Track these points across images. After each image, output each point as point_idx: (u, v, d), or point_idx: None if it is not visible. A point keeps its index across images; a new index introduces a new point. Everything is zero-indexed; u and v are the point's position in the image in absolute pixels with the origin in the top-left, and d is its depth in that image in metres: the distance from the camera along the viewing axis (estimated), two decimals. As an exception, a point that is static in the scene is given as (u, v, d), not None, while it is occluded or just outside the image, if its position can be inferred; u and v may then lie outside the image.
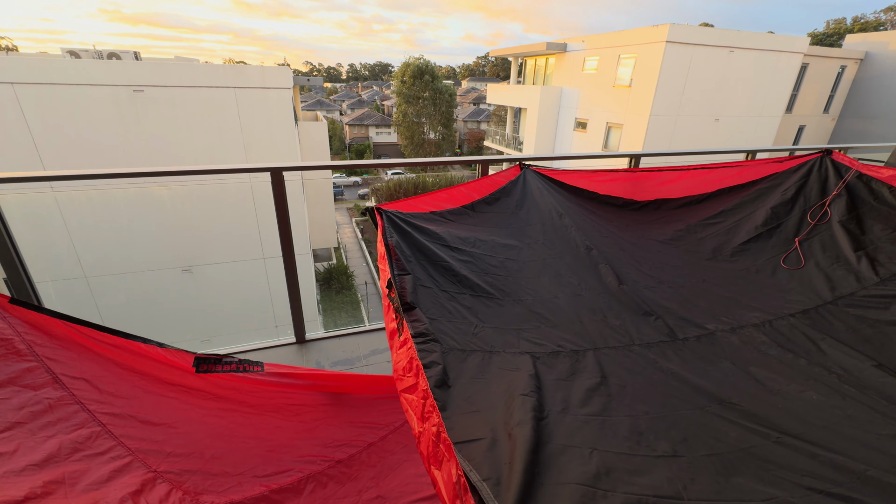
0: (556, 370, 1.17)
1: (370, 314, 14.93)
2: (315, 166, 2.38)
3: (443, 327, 1.26)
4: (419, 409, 0.74)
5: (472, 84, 59.33)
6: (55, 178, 1.88)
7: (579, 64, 17.78)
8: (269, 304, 8.03)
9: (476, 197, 2.17)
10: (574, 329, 1.43)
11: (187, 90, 9.03)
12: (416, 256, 1.53)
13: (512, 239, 1.96)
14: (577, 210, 2.20)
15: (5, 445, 0.99)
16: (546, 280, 1.72)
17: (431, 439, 0.67)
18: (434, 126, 27.87)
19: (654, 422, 0.96)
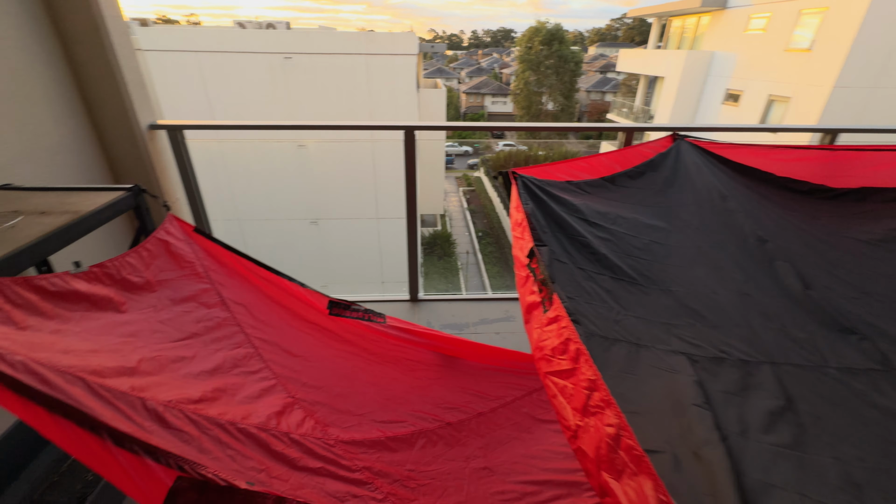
0: (722, 380, 0.96)
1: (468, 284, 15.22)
2: (443, 126, 2.37)
3: (581, 309, 1.13)
4: (580, 399, 0.64)
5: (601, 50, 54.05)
6: (230, 128, 2.14)
7: (741, 23, 14.90)
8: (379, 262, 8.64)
9: (618, 168, 1.93)
10: (741, 334, 1.18)
11: (326, 57, 9.78)
12: (551, 228, 1.40)
13: (659, 220, 1.70)
14: (746, 193, 1.82)
15: (187, 350, 1.16)
16: (701, 271, 1.45)
17: (604, 441, 0.57)
18: (554, 96, 26.26)
19: (876, 476, 0.73)
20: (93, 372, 0.85)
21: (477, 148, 29.44)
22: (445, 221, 20.04)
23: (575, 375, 0.68)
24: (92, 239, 1.76)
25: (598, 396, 0.62)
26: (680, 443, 0.61)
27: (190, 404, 0.99)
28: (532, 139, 26.25)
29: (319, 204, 8.82)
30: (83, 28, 1.75)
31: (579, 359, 0.69)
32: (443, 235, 17.28)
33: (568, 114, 26.81)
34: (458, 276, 16.06)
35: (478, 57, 66.21)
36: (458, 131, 25.86)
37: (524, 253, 1.12)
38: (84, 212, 1.33)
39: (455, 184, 25.07)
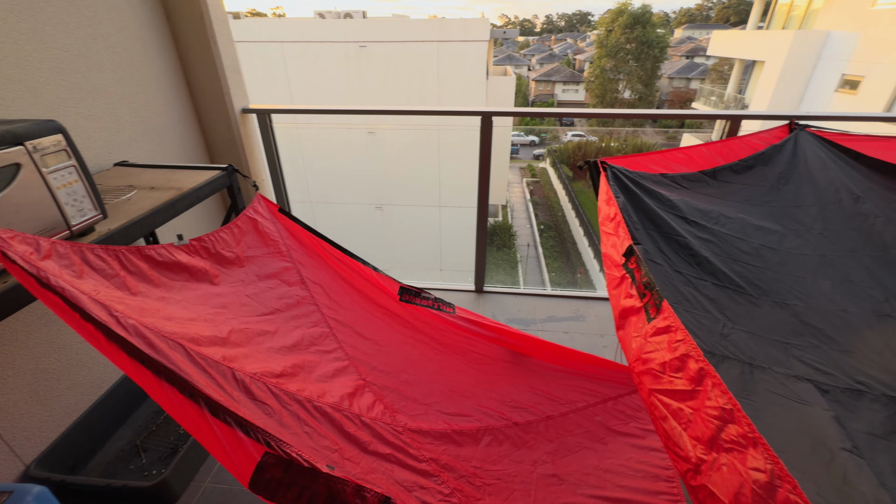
0: (864, 419, 0.80)
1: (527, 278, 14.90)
2: (520, 112, 2.26)
3: (681, 317, 1.00)
4: (706, 429, 0.54)
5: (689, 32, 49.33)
6: (313, 112, 2.21)
7: (870, -4, 12.74)
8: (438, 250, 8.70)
9: (721, 161, 1.71)
10: (883, 364, 0.98)
11: (398, 45, 9.91)
12: (644, 224, 1.27)
13: (770, 221, 1.48)
14: (885, 194, 1.53)
15: (270, 325, 1.21)
16: (827, 284, 1.24)
17: (751, 488, 0.48)
18: (632, 83, 24.49)
19: None
20: (191, 339, 0.90)
21: (544, 137, 28.47)
22: (507, 212, 19.72)
23: (696, 399, 0.58)
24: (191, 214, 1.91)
25: (735, 431, 0.52)
26: (832, 493, 0.50)
27: (272, 378, 1.02)
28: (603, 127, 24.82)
29: (385, 190, 9.04)
30: (190, 16, 1.88)
31: (703, 380, 0.59)
32: (503, 226, 17.02)
33: (646, 103, 24.90)
34: (517, 269, 15.77)
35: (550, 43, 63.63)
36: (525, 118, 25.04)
37: (619, 251, 1.02)
38: (187, 188, 1.43)
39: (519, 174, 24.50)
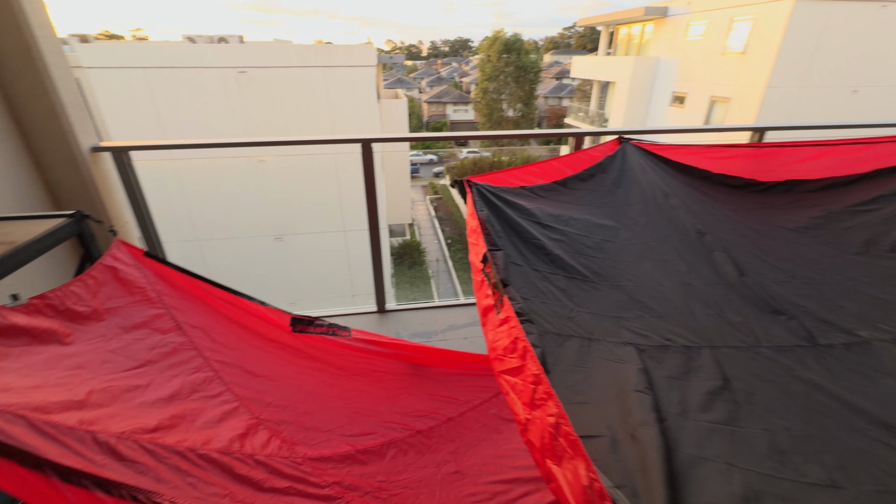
0: (667, 367, 1.03)
1: (440, 290, 15.24)
2: (400, 138, 2.40)
3: (536, 308, 1.18)
4: (527, 394, 0.67)
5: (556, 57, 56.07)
6: (180, 147, 2.08)
7: (682, 30, 15.87)
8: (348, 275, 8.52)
9: (569, 172, 2.02)
10: (684, 322, 1.26)
11: (283, 70, 9.64)
12: (506, 232, 1.45)
13: (609, 219, 1.79)
14: (686, 190, 1.95)
15: (140, 379, 1.12)
16: (649, 265, 1.54)
17: (547, 430, 0.61)
18: (514, 103, 26.92)
19: (799, 441, 0.80)
20: (36, 409, 0.82)
21: (441, 156, 29.69)
22: (414, 230, 20.03)
23: (523, 372, 0.71)
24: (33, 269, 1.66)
25: (541, 390, 0.66)
26: (619, 426, 0.66)
27: (145, 434, 0.96)
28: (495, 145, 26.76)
29: (283, 219, 8.63)
30: (13, 50, 1.67)
31: (526, 356, 0.73)
32: (412, 244, 17.26)
33: (528, 120, 27.54)
34: (430, 284, 16.05)
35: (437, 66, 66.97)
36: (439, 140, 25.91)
37: (479, 258, 1.16)
38: (21, 241, 1.26)
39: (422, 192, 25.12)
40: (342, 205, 8.52)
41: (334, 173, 8.43)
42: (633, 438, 0.62)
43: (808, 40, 12.17)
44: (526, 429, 0.64)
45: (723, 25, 14.09)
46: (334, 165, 8.36)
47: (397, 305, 2.71)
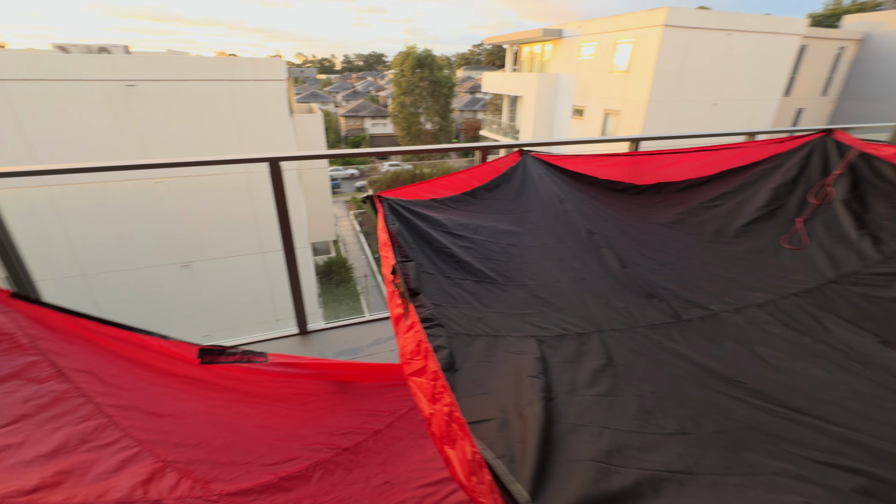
0: (562, 353, 1.17)
1: (371, 306, 14.96)
2: (312, 155, 2.36)
3: (447, 312, 1.26)
4: (429, 390, 0.73)
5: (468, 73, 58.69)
6: (50, 173, 1.85)
7: (575, 50, 17.58)
8: (270, 298, 8.03)
9: (476, 184, 2.16)
10: (578, 312, 1.43)
11: (180, 84, 8.91)
12: (417, 243, 1.52)
13: (513, 225, 1.95)
14: (577, 195, 2.18)
15: (12, 437, 0.99)
16: (548, 265, 1.71)
17: (443, 419, 0.67)
18: (431, 117, 27.60)
19: (662, 401, 0.96)
20: None
21: (363, 170, 29.33)
22: (339, 247, 19.47)
23: (426, 371, 0.78)
24: None
25: (439, 385, 0.72)
26: (511, 408, 0.75)
27: (23, 497, 0.85)
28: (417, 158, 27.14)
29: (190, 245, 7.90)
30: None
31: (427, 356, 0.79)
32: (338, 261, 16.75)
33: (446, 132, 28.40)
34: (360, 301, 15.68)
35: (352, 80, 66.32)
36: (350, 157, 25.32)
37: (389, 270, 1.21)
38: None
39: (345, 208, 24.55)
40: (258, 225, 8.04)
41: (246, 192, 7.95)
42: (521, 416, 0.71)
43: (676, 61, 14.18)
44: (430, 423, 0.70)
45: (609, 47, 15.87)
46: (246, 184, 7.88)
47: (324, 324, 2.65)
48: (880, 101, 17.16)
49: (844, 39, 17.72)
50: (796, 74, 17.42)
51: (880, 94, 17.24)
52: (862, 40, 17.73)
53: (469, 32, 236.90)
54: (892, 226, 1.67)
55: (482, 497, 0.54)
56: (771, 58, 15.38)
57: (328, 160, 19.61)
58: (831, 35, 17.62)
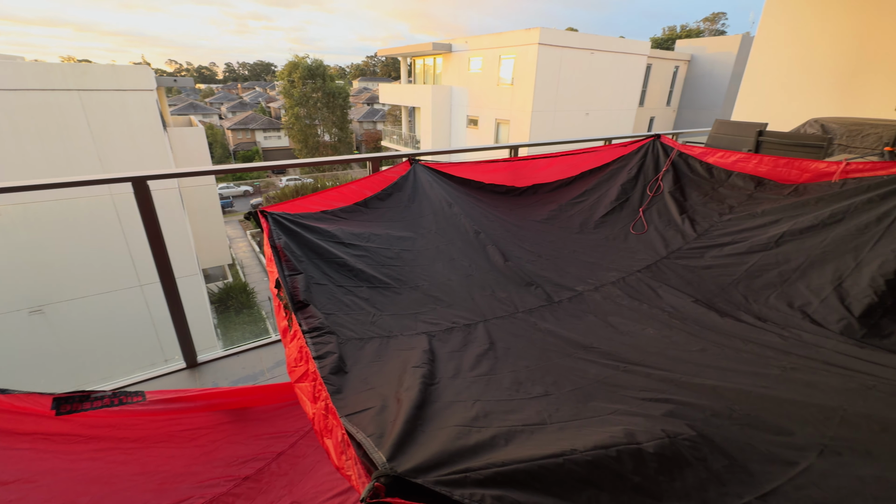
0: (450, 344, 1.27)
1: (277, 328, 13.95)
2: (188, 172, 2.18)
3: (340, 320, 1.28)
4: (310, 392, 0.76)
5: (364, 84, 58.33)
6: None
7: (465, 64, 18.60)
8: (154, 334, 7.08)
9: (368, 193, 2.20)
10: (466, 306, 1.55)
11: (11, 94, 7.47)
12: (307, 256, 1.52)
13: (407, 231, 2.03)
14: (465, 199, 2.35)
15: None
16: (440, 265, 1.83)
17: (322, 414, 0.70)
18: (328, 128, 26.82)
19: (532, 372, 1.11)
20: None
21: (258, 186, 27.34)
22: (237, 270, 17.85)
23: (307, 375, 0.80)
24: None
25: (318, 384, 0.76)
26: (391, 396, 0.82)
27: None
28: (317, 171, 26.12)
29: (41, 285, 6.62)
30: None
31: (308, 361, 0.82)
32: (238, 286, 15.34)
33: (346, 144, 27.82)
34: (266, 324, 14.54)
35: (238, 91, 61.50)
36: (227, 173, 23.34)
37: (274, 284, 1.20)
38: None
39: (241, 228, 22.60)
40: (132, 255, 7.05)
41: (114, 218, 6.93)
42: (398, 401, 0.78)
43: (553, 76, 15.82)
44: (313, 422, 0.73)
45: (494, 62, 17.10)
46: (113, 209, 6.88)
47: (218, 353, 2.44)
48: (705, 109, 21.10)
49: (678, 59, 21.45)
50: (647, 88, 20.59)
51: (705, 104, 21.19)
52: (690, 60, 21.64)
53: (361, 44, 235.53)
54: (703, 210, 2.10)
55: (349, 471, 0.58)
56: (627, 74, 17.98)
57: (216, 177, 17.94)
58: (668, 56, 21.20)
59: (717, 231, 1.92)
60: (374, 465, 0.56)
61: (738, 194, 2.04)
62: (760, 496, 0.64)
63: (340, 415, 0.69)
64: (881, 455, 0.70)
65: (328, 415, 0.69)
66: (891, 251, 1.38)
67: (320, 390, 0.73)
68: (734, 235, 1.84)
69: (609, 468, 0.62)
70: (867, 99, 3.87)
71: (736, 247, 1.76)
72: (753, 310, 1.44)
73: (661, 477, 0.64)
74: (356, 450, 0.60)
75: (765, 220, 1.81)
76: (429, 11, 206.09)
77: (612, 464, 0.63)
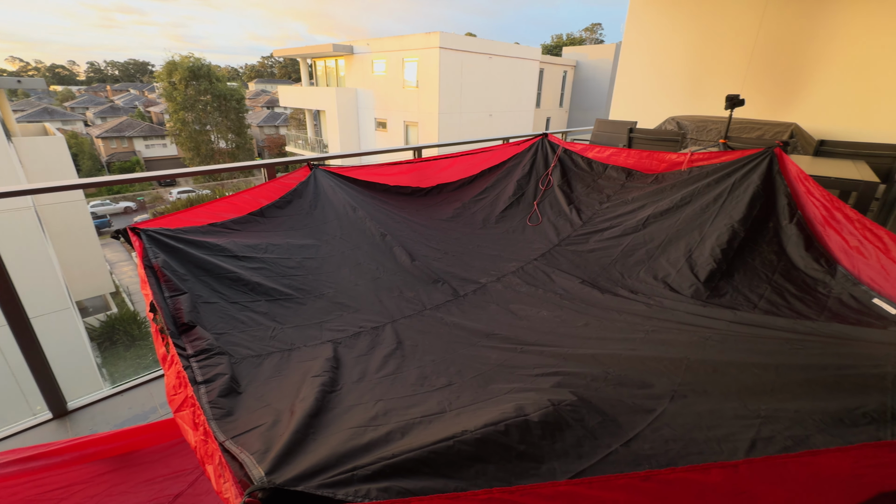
0: (357, 348, 1.26)
1: (180, 361, 12.45)
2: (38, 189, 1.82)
3: (234, 339, 1.19)
4: (190, 419, 0.70)
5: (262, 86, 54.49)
6: None
7: (369, 66, 18.38)
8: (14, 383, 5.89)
9: (265, 202, 2.08)
10: (374, 309, 1.55)
11: None
12: (192, 273, 1.39)
13: (309, 238, 1.96)
14: (370, 202, 2.34)
15: None
16: (346, 271, 1.79)
17: (201, 440, 0.65)
18: (223, 134, 24.57)
19: (438, 365, 1.15)
20: None
21: (143, 200, 24.11)
22: (123, 299, 15.55)
23: (186, 402, 0.74)
24: None
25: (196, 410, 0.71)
26: (285, 409, 0.79)
27: None
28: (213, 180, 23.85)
29: None
30: None
31: (186, 386, 0.76)
32: (125, 317, 13.37)
33: (245, 150, 25.76)
34: (165, 358, 12.84)
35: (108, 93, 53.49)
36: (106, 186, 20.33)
37: (149, 308, 1.08)
38: None
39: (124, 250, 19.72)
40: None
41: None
42: (292, 413, 0.76)
43: (456, 79, 16.33)
44: (196, 450, 0.67)
45: (398, 64, 17.15)
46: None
47: (96, 395, 2.11)
48: (591, 109, 23.46)
49: (565, 65, 23.52)
50: (542, 91, 22.25)
51: (591, 105, 23.56)
52: (576, 66, 23.87)
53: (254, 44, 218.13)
54: (587, 199, 2.34)
55: (227, 494, 0.55)
56: (524, 77, 19.24)
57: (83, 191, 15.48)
58: (557, 61, 23.14)
59: (599, 218, 2.16)
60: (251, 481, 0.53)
61: (613, 184, 2.31)
62: (625, 442, 0.74)
63: (227, 437, 0.65)
64: (713, 392, 0.85)
65: (207, 439, 0.64)
66: (724, 225, 1.68)
67: (199, 415, 0.67)
68: (611, 221, 2.08)
69: (496, 442, 0.67)
70: (710, 99, 4.62)
71: (613, 231, 2.00)
72: (627, 284, 1.64)
73: (543, 441, 0.71)
74: (237, 470, 0.57)
75: (634, 206, 2.07)
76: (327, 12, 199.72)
77: (499, 437, 0.68)
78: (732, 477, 0.51)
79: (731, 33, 4.27)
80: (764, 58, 4.11)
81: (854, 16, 3.57)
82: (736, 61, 4.29)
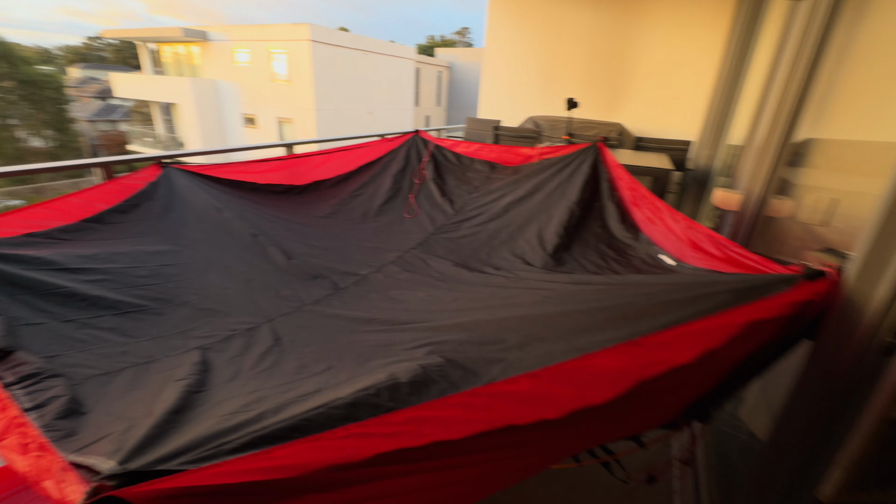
0: (230, 352, 1.21)
1: None
2: None
3: (72, 360, 1.05)
4: (18, 444, 0.61)
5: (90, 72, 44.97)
6: None
7: (229, 55, 16.63)
8: None
9: (103, 207, 1.80)
10: (248, 311, 1.48)
11: None
12: (5, 292, 1.16)
13: (165, 244, 1.77)
14: (238, 202, 2.19)
15: None
16: (214, 276, 1.67)
17: (34, 458, 0.58)
18: (37, 130, 19.75)
19: (317, 354, 1.17)
20: None
21: (-88, 219, 18.07)
22: None
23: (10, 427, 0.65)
24: None
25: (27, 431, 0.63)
26: (141, 415, 0.75)
27: None
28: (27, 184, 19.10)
29: None
30: None
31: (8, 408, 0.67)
32: None
33: (71, 150, 21.14)
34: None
35: None
36: None
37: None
38: None
39: None
40: None
41: None
42: (149, 416, 0.73)
43: (331, 74, 15.74)
44: (29, 476, 0.60)
45: (264, 56, 15.84)
46: None
47: None
48: (466, 108, 24.89)
49: (440, 66, 24.47)
50: (419, 90, 22.79)
51: (466, 104, 24.99)
52: (450, 67, 25.00)
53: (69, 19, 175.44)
54: (458, 191, 2.54)
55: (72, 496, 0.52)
56: (401, 76, 19.45)
57: None
58: (432, 62, 23.95)
59: (468, 207, 2.37)
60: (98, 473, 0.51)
61: (480, 176, 2.55)
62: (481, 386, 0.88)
63: (70, 450, 0.59)
64: (548, 338, 1.05)
65: (43, 454, 0.57)
66: (564, 207, 2.00)
67: (30, 434, 0.60)
68: (479, 209, 2.30)
69: (367, 402, 0.74)
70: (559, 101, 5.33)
71: (480, 218, 2.22)
72: (492, 263, 1.86)
73: (411, 397, 0.80)
74: (84, 473, 0.53)
75: (497, 195, 2.33)
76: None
77: (370, 399, 0.75)
78: (535, 383, 0.66)
79: (571, 43, 4.97)
80: (596, 67, 4.89)
81: (655, 33, 4.48)
82: (576, 68, 5.02)
